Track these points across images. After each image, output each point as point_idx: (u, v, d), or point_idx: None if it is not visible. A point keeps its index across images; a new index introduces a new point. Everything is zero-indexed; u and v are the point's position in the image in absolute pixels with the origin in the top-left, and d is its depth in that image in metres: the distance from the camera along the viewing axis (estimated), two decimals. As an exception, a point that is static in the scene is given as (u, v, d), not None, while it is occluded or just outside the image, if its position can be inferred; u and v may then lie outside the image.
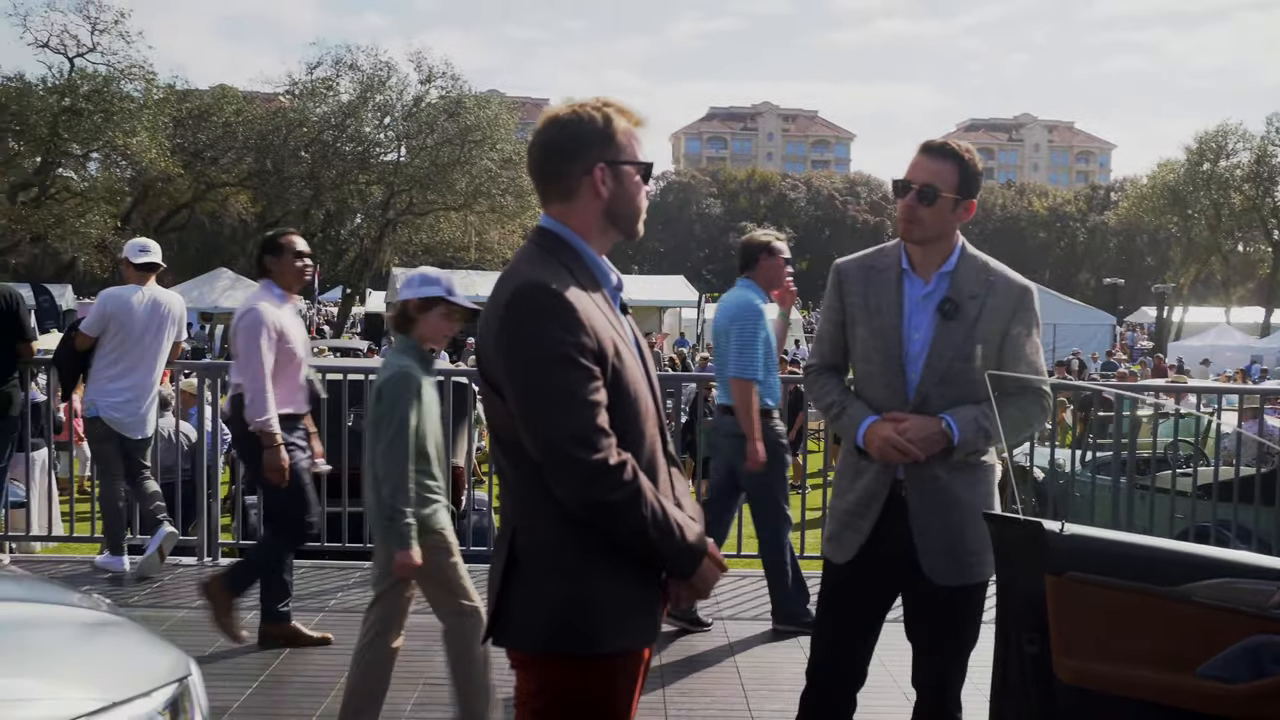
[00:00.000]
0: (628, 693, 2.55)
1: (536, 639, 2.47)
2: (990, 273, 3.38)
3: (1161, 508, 7.32)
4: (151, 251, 7.05)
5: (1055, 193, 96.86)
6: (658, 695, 5.11)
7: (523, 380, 2.39)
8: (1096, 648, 2.71)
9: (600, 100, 2.58)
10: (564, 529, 2.43)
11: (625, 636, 2.49)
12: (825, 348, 3.60)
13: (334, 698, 4.95)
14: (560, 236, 2.56)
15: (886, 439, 3.30)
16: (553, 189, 2.57)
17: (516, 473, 2.49)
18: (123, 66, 33.77)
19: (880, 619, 3.55)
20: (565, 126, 2.54)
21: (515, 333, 2.40)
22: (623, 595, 2.47)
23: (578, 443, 2.34)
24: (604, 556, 2.44)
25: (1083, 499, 7.71)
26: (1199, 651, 2.63)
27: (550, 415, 2.36)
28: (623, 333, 2.55)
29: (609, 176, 2.53)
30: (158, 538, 6.74)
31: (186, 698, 2.91)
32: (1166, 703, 2.66)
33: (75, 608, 3.28)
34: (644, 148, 2.60)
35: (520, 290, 2.42)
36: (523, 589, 2.47)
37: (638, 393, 2.51)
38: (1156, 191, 53.62)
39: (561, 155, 2.54)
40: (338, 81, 39.70)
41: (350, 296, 43.83)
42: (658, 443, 2.58)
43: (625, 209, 2.58)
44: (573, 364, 2.36)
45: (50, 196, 34.79)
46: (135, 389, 6.83)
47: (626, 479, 2.38)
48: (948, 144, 3.37)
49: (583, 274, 2.52)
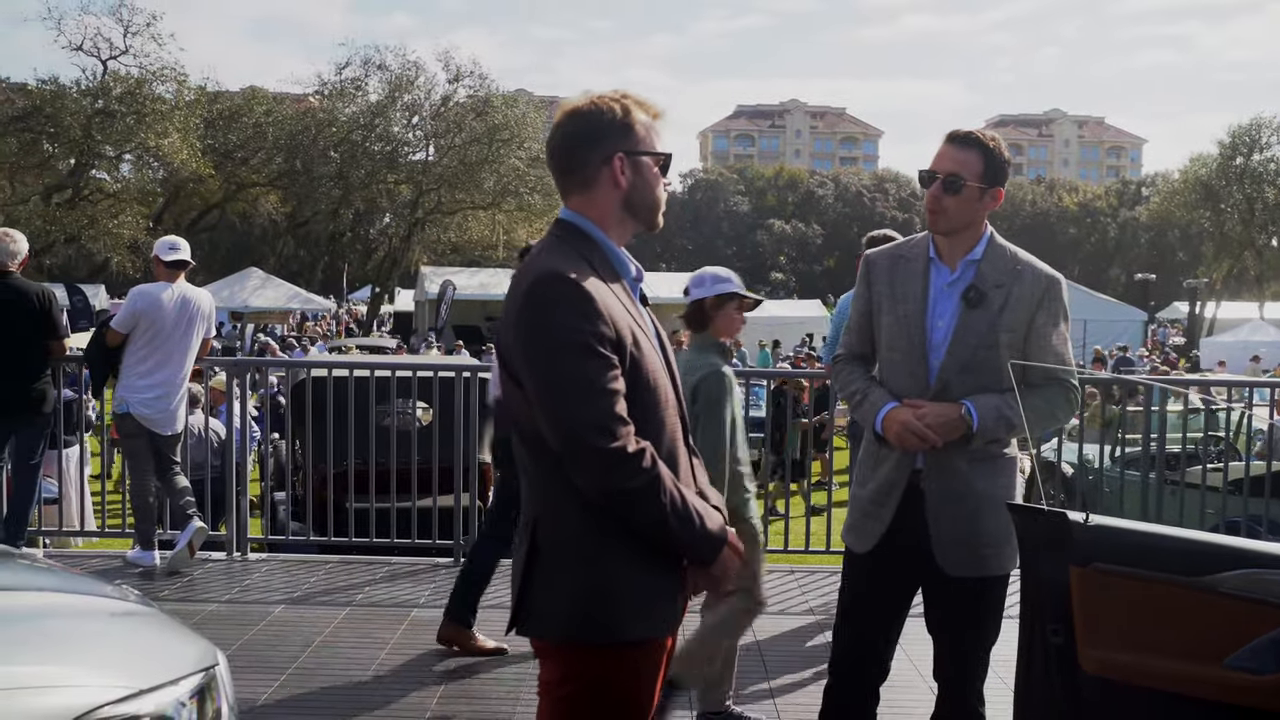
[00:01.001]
0: (651, 681, 2.56)
1: (559, 628, 2.48)
2: (1018, 262, 3.36)
3: (1191, 503, 7.26)
4: (181, 249, 7.10)
5: (1085, 188, 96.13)
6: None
7: (541, 369, 2.40)
8: (1122, 639, 2.69)
9: (618, 92, 2.58)
10: (585, 518, 2.44)
11: (648, 624, 2.49)
12: (853, 338, 3.59)
13: (362, 690, 4.99)
14: (579, 227, 2.56)
15: (905, 424, 3.28)
16: (571, 180, 2.57)
17: (537, 463, 2.50)
18: (155, 69, 34.01)
19: (903, 611, 3.53)
20: (583, 117, 2.54)
21: (533, 322, 2.41)
22: (644, 583, 2.48)
23: (596, 431, 2.35)
24: (625, 545, 2.45)
25: (1112, 494, 7.66)
26: (1226, 643, 2.61)
27: (569, 403, 2.36)
28: (642, 323, 2.55)
29: (627, 166, 2.53)
30: (187, 533, 6.79)
31: (213, 687, 2.94)
32: (1192, 694, 2.64)
33: (104, 598, 3.32)
34: (663, 140, 2.60)
35: (538, 280, 2.43)
36: (545, 578, 2.48)
37: (656, 382, 2.52)
38: (1188, 186, 53.09)
39: (580, 145, 2.55)
40: (366, 81, 39.85)
41: (379, 295, 44.01)
42: (678, 432, 2.58)
43: (644, 200, 2.58)
44: (591, 352, 2.37)
45: (84, 198, 35.10)
46: (165, 385, 6.88)
47: (645, 466, 2.38)
48: (973, 133, 3.35)
49: (601, 264, 2.52)
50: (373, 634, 5.78)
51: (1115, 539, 2.73)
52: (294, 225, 45.05)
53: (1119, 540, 2.73)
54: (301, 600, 6.36)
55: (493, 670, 5.28)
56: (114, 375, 7.00)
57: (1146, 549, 2.72)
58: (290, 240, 48.92)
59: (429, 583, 6.73)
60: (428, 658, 5.47)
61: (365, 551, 7.39)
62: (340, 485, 7.60)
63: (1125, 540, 2.74)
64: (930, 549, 3.34)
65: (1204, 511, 7.21)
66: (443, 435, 7.27)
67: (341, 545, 7.45)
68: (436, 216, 41.35)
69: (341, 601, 6.34)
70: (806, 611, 6.36)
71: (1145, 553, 2.71)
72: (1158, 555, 2.70)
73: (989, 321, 3.29)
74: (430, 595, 6.47)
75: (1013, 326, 3.30)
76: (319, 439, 7.83)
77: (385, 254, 44.35)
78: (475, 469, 7.32)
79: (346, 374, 7.49)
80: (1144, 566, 2.68)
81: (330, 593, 6.51)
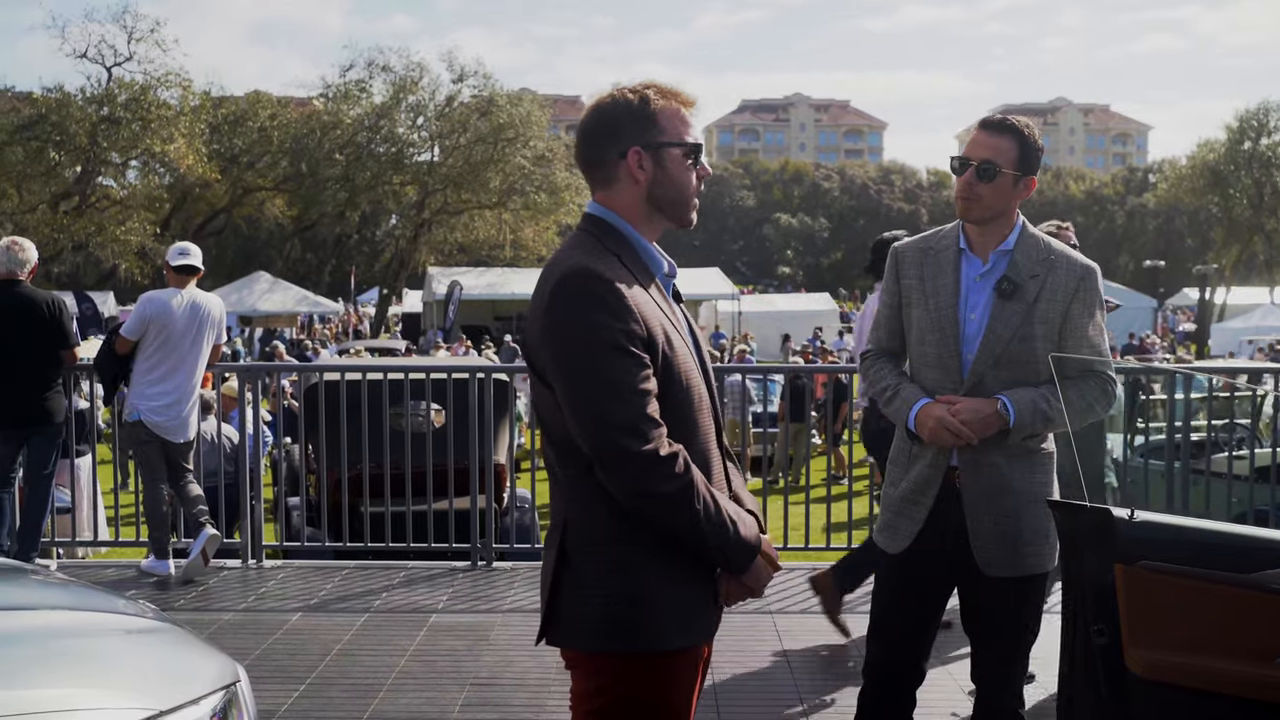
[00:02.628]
0: (688, 691, 2.48)
1: (592, 637, 2.40)
2: (1051, 252, 3.27)
3: (1217, 492, 7.16)
4: (191, 254, 7.04)
5: (1092, 176, 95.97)
6: (709, 691, 5.03)
7: (570, 369, 2.33)
8: (1171, 639, 2.61)
9: (643, 83, 2.51)
10: (616, 523, 2.36)
11: (684, 633, 2.41)
12: (882, 333, 3.50)
13: (382, 699, 4.92)
14: (607, 222, 2.49)
15: (940, 420, 3.19)
16: (594, 175, 2.51)
17: (565, 467, 2.43)
18: (159, 74, 34.04)
19: (939, 612, 3.45)
20: (601, 110, 2.49)
21: (562, 320, 2.34)
22: (679, 590, 2.40)
23: (628, 433, 2.27)
24: (659, 551, 2.37)
25: (1135, 484, 7.57)
26: (1279, 641, 2.52)
27: (599, 404, 2.29)
28: (675, 320, 2.47)
29: (646, 160, 2.45)
30: (200, 540, 6.73)
31: (235, 704, 2.86)
32: (1244, 695, 2.56)
33: (121, 614, 3.24)
34: (694, 129, 2.51)
35: (567, 276, 2.35)
36: (575, 586, 2.40)
37: (690, 382, 2.43)
38: (1196, 171, 52.84)
39: (597, 140, 2.49)
40: (370, 83, 39.77)
41: (387, 297, 43.97)
42: (711, 434, 2.50)
43: (669, 193, 2.49)
44: (622, 351, 2.30)
45: (91, 205, 35.11)
46: (176, 392, 6.82)
47: (678, 470, 2.30)
48: (1007, 119, 3.27)
49: (632, 260, 2.45)
50: (392, 640, 5.71)
51: (1162, 535, 2.65)
52: (300, 228, 44.98)
53: (1166, 537, 2.65)
54: (319, 607, 6.30)
55: (516, 677, 5.20)
56: (125, 383, 6.95)
57: (1195, 545, 2.64)
58: (297, 243, 48.86)
59: (447, 587, 6.66)
60: (448, 664, 5.40)
61: (381, 556, 7.32)
62: (355, 489, 7.54)
63: (1173, 537, 2.66)
64: (967, 548, 3.25)
65: (1230, 500, 7.12)
66: (457, 437, 7.20)
67: (357, 550, 7.38)
68: (443, 217, 41.30)
69: (359, 608, 6.28)
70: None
71: (1194, 549, 2.63)
72: (1207, 552, 2.62)
73: (1024, 313, 3.21)
74: (449, 600, 6.40)
75: (1048, 318, 3.21)
76: (333, 443, 7.77)
77: (392, 255, 44.31)
78: (491, 470, 7.25)
79: (359, 377, 7.42)
80: (1193, 563, 2.59)
81: (347, 599, 6.45)
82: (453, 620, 6.05)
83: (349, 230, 44.33)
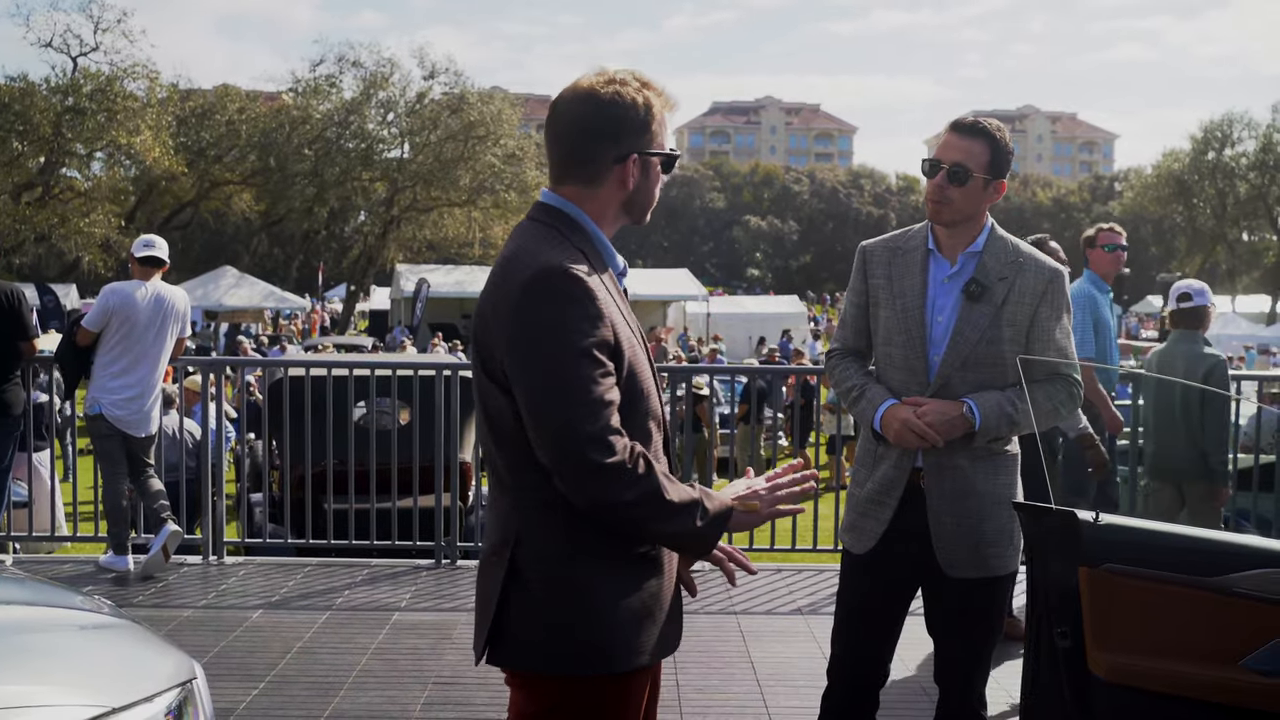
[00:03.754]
0: (637, 710, 2.39)
1: (543, 658, 2.28)
2: (1019, 254, 3.27)
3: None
4: (156, 246, 6.96)
5: (1059, 183, 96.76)
6: (672, 692, 5.01)
7: (540, 374, 2.19)
8: (1134, 641, 2.61)
9: (640, 80, 2.37)
10: (572, 538, 2.26)
11: (639, 655, 2.31)
12: (848, 332, 3.49)
13: (343, 697, 4.87)
14: (570, 216, 2.37)
15: (905, 422, 3.18)
16: (577, 170, 2.36)
17: (516, 474, 2.31)
18: (126, 65, 33.62)
19: (902, 613, 3.44)
20: (601, 106, 2.32)
21: (535, 321, 2.20)
22: (636, 610, 2.30)
23: (596, 445, 2.16)
24: (616, 569, 2.28)
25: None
26: (1242, 645, 2.53)
27: (567, 413, 2.16)
28: (630, 319, 2.38)
29: (638, 167, 2.36)
30: (161, 536, 6.65)
31: (190, 702, 2.82)
32: (1208, 698, 2.56)
33: (76, 610, 3.19)
34: (670, 134, 2.44)
35: (541, 274, 2.22)
36: (525, 603, 2.28)
37: (647, 389, 2.36)
38: (1161, 181, 53.40)
39: (596, 137, 2.33)
40: (340, 79, 39.56)
41: (354, 293, 43.74)
42: (660, 442, 2.42)
43: (643, 200, 2.42)
44: (593, 360, 2.19)
45: (54, 196, 34.67)
46: (139, 385, 6.74)
47: (641, 474, 2.20)
48: (979, 121, 3.26)
49: (593, 256, 2.34)
50: (353, 639, 5.66)
51: (1127, 538, 2.65)
52: (268, 223, 44.69)
53: (1131, 540, 2.65)
54: (280, 605, 6.23)
55: (479, 675, 5.16)
56: (86, 376, 6.86)
57: (1159, 548, 2.64)
58: (264, 238, 48.56)
59: (410, 585, 6.61)
60: (410, 663, 5.36)
61: (345, 554, 7.26)
62: (318, 486, 7.47)
63: (1137, 540, 2.66)
64: (931, 549, 3.25)
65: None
66: (423, 434, 7.15)
67: (320, 548, 7.32)
68: (412, 214, 41.11)
69: (321, 605, 6.22)
70: (794, 612, 6.27)
71: (1158, 552, 2.63)
72: (1171, 555, 2.62)
73: (991, 316, 3.20)
74: (411, 599, 6.36)
75: (1015, 320, 3.21)
76: (296, 439, 7.70)
77: (361, 252, 44.05)
78: (456, 469, 7.21)
79: (324, 373, 7.35)
80: (1157, 566, 2.59)
81: (309, 597, 6.39)
82: (416, 618, 6.00)
83: (317, 226, 44.01)
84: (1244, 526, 7.19)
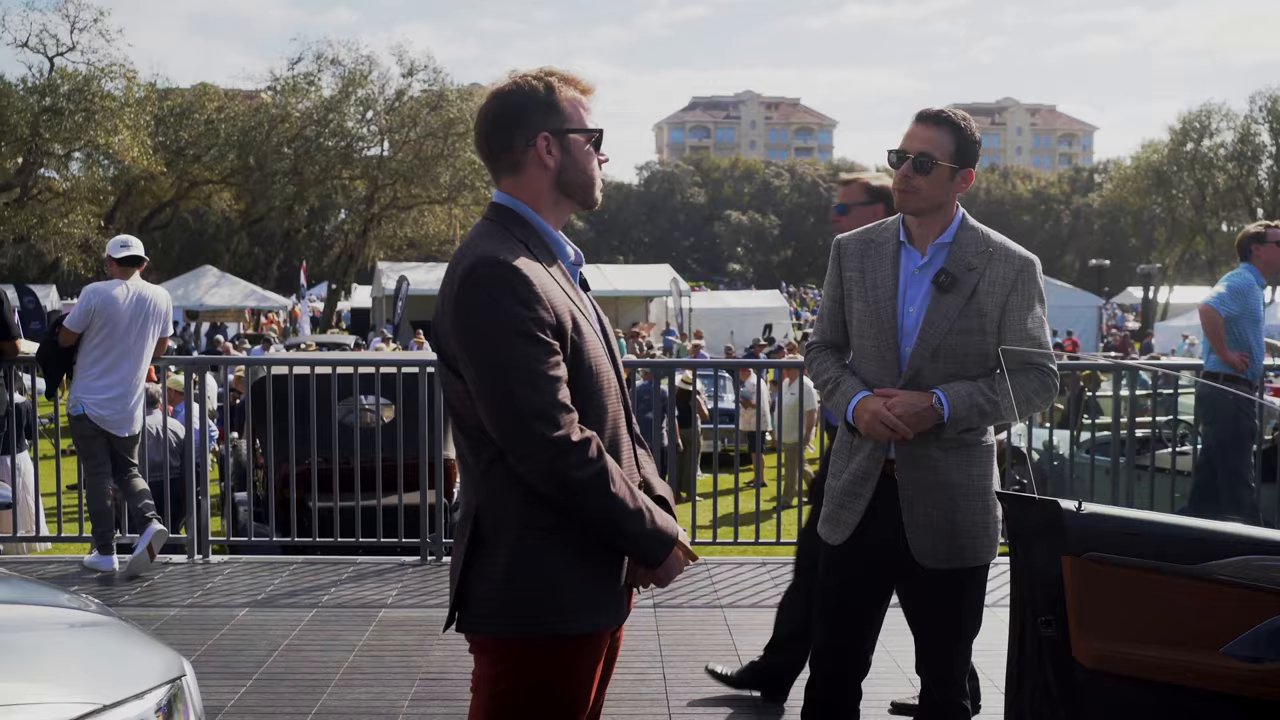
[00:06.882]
0: (590, 675, 2.51)
1: (500, 623, 2.42)
2: (990, 244, 3.30)
3: (1161, 487, 7.26)
4: (133, 246, 6.94)
5: (1039, 175, 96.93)
6: (659, 686, 5.04)
7: (480, 356, 2.34)
8: (1117, 629, 2.64)
9: (543, 70, 2.53)
10: (527, 509, 2.39)
11: (591, 618, 2.45)
12: (825, 325, 3.52)
13: (330, 694, 4.88)
14: (513, 211, 2.52)
15: (875, 413, 3.22)
16: (500, 163, 2.53)
17: (476, 455, 2.44)
18: (103, 65, 33.41)
19: (882, 603, 3.47)
20: (505, 98, 2.51)
21: (472, 308, 2.36)
22: (587, 576, 2.43)
23: (540, 419, 2.30)
24: (569, 537, 2.40)
25: (1080, 480, 7.66)
26: (1223, 631, 2.56)
27: (510, 391, 2.31)
28: (583, 307, 2.51)
29: (554, 146, 2.49)
30: (146, 536, 6.64)
31: (180, 699, 2.83)
32: (1190, 684, 2.59)
33: (63, 608, 3.19)
34: (594, 115, 2.55)
35: (475, 265, 2.37)
36: (486, 572, 2.42)
37: (598, 368, 2.47)
38: (1140, 172, 53.58)
39: (504, 127, 2.50)
40: (319, 77, 39.42)
41: (335, 292, 43.60)
42: (621, 418, 2.54)
43: (576, 178, 2.53)
44: (531, 338, 2.32)
45: (33, 197, 34.44)
46: (122, 385, 6.73)
47: (591, 456, 2.34)
48: (944, 112, 3.30)
49: (538, 247, 2.48)
50: (340, 636, 5.67)
51: (1108, 527, 2.68)
52: (248, 222, 44.44)
53: (1113, 528, 2.67)
54: (266, 603, 6.23)
55: (465, 671, 5.15)
56: (68, 376, 6.84)
57: (1141, 536, 2.67)
58: (245, 238, 48.24)
59: (396, 582, 6.61)
60: (397, 659, 5.36)
61: (330, 551, 7.26)
62: (303, 484, 7.47)
63: (1120, 528, 2.68)
64: (905, 540, 3.28)
65: (1174, 495, 7.22)
66: (407, 431, 7.15)
67: (305, 545, 7.31)
68: (392, 212, 41.02)
69: (307, 603, 6.22)
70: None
71: (1140, 540, 2.65)
72: (1153, 543, 2.64)
73: (961, 306, 3.23)
74: (398, 595, 6.36)
75: (986, 310, 3.23)
76: (280, 437, 7.69)
77: (341, 250, 43.92)
78: (440, 465, 7.21)
79: (307, 371, 7.34)
80: (1139, 555, 2.62)
81: (295, 594, 6.39)
82: (402, 615, 6.01)
83: (297, 224, 43.86)
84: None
